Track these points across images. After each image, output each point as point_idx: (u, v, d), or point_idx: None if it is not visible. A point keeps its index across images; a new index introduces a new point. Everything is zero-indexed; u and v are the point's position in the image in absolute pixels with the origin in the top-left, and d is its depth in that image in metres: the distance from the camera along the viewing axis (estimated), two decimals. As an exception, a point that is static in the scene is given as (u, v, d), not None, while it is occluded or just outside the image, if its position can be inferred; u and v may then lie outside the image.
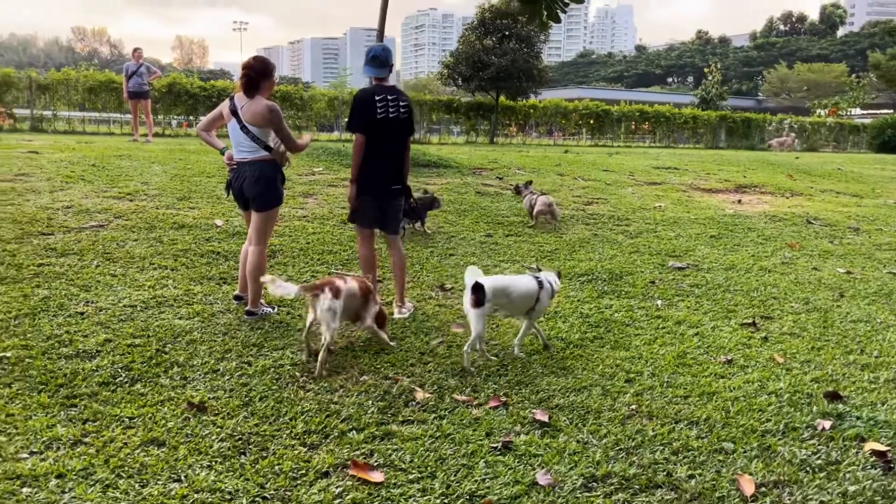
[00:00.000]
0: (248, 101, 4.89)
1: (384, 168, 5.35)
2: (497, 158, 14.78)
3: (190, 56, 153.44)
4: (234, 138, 4.99)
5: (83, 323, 4.67)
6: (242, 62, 5.12)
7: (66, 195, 7.90)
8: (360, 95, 5.29)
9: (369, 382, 4.13)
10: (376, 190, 5.37)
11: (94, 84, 20.07)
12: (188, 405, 3.66)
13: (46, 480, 2.89)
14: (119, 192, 8.35)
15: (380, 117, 5.22)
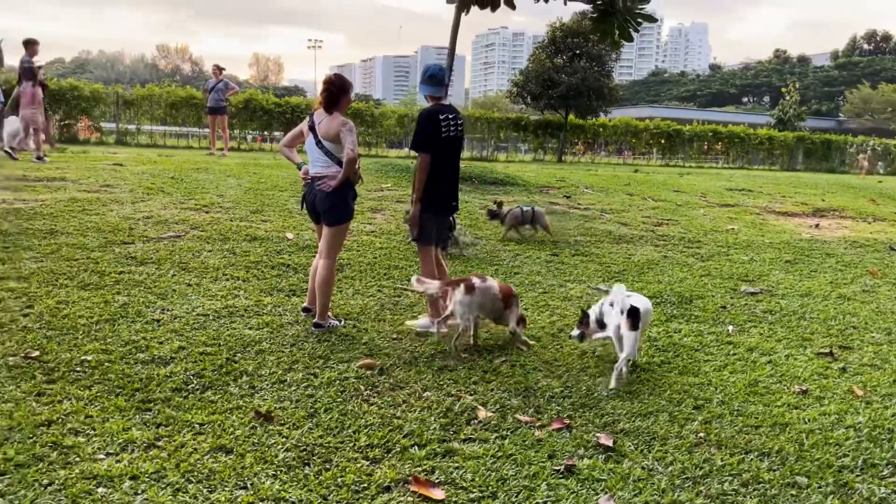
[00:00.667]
0: (326, 117, 5.05)
1: (446, 186, 5.43)
2: (565, 177, 14.69)
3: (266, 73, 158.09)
4: (310, 153, 5.14)
5: (159, 330, 4.84)
6: (323, 79, 5.27)
7: (146, 206, 8.23)
8: (426, 115, 5.33)
9: (432, 399, 4.14)
10: (438, 208, 5.44)
11: (175, 100, 20.92)
12: (256, 414, 3.73)
13: (121, 482, 2.99)
14: (196, 203, 8.65)
15: (444, 136, 5.28)
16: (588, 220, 10.25)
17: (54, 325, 4.71)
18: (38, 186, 8.68)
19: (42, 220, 7.17)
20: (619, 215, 10.86)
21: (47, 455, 3.15)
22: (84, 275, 5.75)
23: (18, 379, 3.90)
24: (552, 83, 26.71)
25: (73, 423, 3.46)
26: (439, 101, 5.39)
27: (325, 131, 5.03)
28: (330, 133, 5.01)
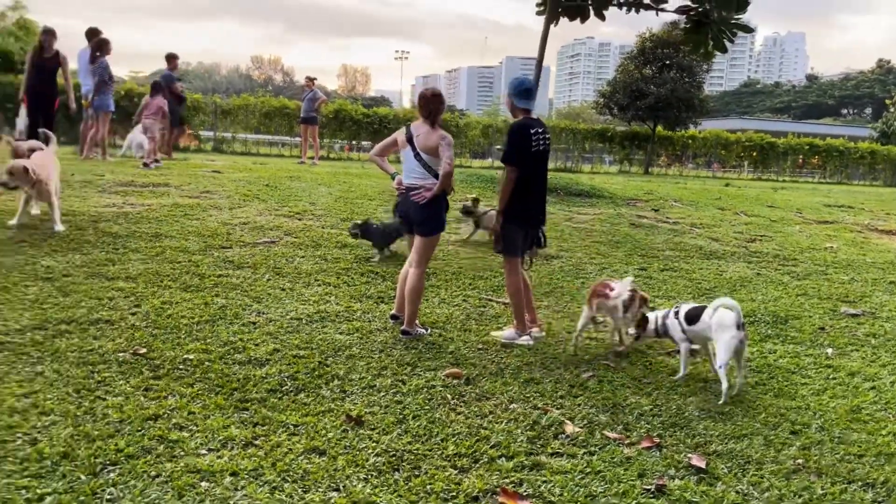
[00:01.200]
0: (425, 130, 5.16)
1: (533, 200, 5.43)
2: (652, 190, 14.41)
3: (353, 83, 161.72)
4: (407, 164, 5.24)
5: (255, 332, 5.03)
6: (422, 92, 5.38)
7: (243, 212, 8.57)
8: (517, 129, 5.32)
9: (518, 411, 4.14)
10: (525, 220, 5.43)
11: (269, 109, 21.72)
12: (347, 418, 3.83)
13: (222, 477, 3.13)
14: (289, 210, 8.95)
15: (534, 150, 5.28)
16: (677, 234, 10.02)
17: (159, 324, 4.96)
18: (145, 192, 9.18)
19: (148, 224, 7.58)
20: (709, 230, 10.57)
21: (154, 448, 3.32)
22: (186, 277, 6.04)
23: (128, 374, 4.13)
24: (640, 94, 26.30)
25: (178, 418, 3.64)
26: (529, 115, 5.40)
27: (424, 144, 5.13)
28: (429, 146, 5.12)
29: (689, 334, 4.90)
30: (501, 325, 5.68)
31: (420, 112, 5.24)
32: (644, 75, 26.69)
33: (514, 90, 5.37)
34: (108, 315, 5.01)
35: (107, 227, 7.30)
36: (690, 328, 4.87)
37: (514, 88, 5.38)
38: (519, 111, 5.38)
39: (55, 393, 3.78)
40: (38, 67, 10.66)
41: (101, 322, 4.88)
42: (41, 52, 10.72)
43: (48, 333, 4.59)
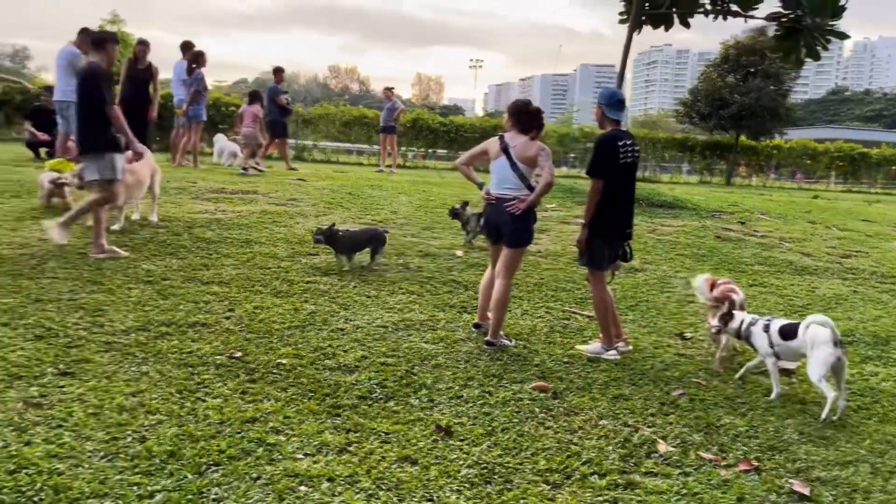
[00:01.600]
0: (522, 140, 5.15)
1: (620, 213, 5.33)
2: (737, 202, 13.99)
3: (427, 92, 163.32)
4: (500, 175, 5.22)
5: (343, 338, 5.12)
6: (517, 103, 5.39)
7: (327, 219, 8.74)
8: (605, 141, 5.24)
9: (608, 428, 4.08)
10: (611, 234, 5.33)
11: (348, 118, 22.18)
12: (436, 427, 3.85)
13: (319, 482, 3.19)
14: (371, 219, 9.09)
15: (621, 162, 5.18)
16: (766, 248, 9.70)
17: (252, 329, 5.11)
18: (235, 199, 9.49)
19: (238, 230, 7.83)
20: (800, 244, 10.19)
21: (254, 450, 3.42)
22: (276, 283, 6.21)
23: (225, 377, 4.27)
24: (723, 102, 25.63)
25: (274, 422, 3.74)
26: (618, 126, 5.32)
27: (522, 154, 5.13)
28: (527, 156, 5.12)
29: (781, 350, 4.75)
30: (587, 339, 5.62)
31: (515, 124, 5.23)
32: (727, 83, 25.98)
33: (607, 100, 5.30)
34: (204, 318, 5.20)
35: (200, 232, 7.58)
36: (785, 344, 4.72)
37: (608, 99, 5.31)
38: (608, 122, 5.30)
39: (159, 393, 3.94)
40: (132, 78, 11.18)
41: (199, 325, 5.07)
42: (135, 64, 11.24)
43: (150, 335, 4.79)
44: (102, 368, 4.19)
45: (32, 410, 3.58)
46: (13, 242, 6.62)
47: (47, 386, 3.88)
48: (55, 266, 6.02)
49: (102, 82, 6.27)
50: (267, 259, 6.90)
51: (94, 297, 5.40)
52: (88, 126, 6.37)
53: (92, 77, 6.28)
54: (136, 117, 11.09)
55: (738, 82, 26.02)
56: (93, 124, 6.32)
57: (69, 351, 4.39)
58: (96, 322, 4.91)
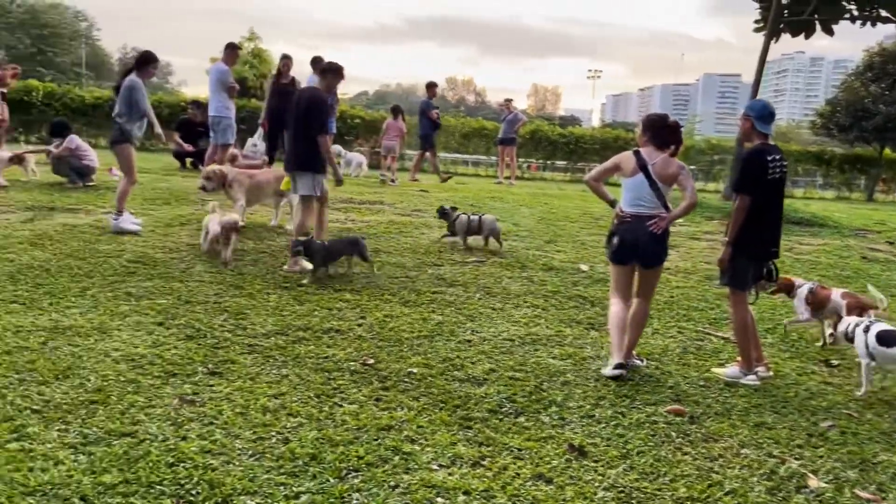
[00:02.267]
0: (661, 157, 4.95)
1: (767, 231, 5.05)
2: (884, 220, 13.05)
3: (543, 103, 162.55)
4: (635, 192, 4.99)
5: (470, 350, 5.14)
6: (652, 117, 5.19)
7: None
8: (753, 156, 4.99)
9: (751, 457, 3.87)
10: (756, 252, 5.08)
11: (468, 130, 22.39)
12: (569, 447, 3.78)
13: (455, 495, 3.20)
14: (494, 231, 9.10)
15: (769, 178, 4.93)
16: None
17: (383, 337, 5.23)
18: (362, 208, 9.78)
19: (367, 240, 8.04)
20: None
21: (390, 458, 3.48)
22: (404, 292, 6.33)
23: (359, 383, 4.38)
24: (866, 113, 23.99)
25: (408, 431, 3.79)
26: (767, 140, 5.05)
27: (662, 173, 4.92)
28: (668, 174, 4.92)
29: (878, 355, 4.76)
30: (723, 362, 5.37)
31: (652, 139, 5.02)
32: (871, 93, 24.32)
33: (758, 113, 5.04)
34: (338, 325, 5.37)
35: (331, 241, 7.85)
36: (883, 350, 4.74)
37: (759, 111, 5.06)
38: (757, 135, 5.04)
39: (299, 396, 4.10)
40: (278, 92, 11.73)
41: (333, 331, 5.23)
42: (280, 78, 11.80)
43: (289, 339, 4.99)
44: (247, 370, 4.40)
45: (187, 407, 3.80)
46: (165, 247, 7.10)
47: (199, 384, 4.12)
48: (201, 270, 6.41)
49: (322, 110, 6.84)
50: (395, 269, 7.05)
51: (236, 300, 5.70)
52: (304, 147, 6.85)
53: (315, 104, 6.82)
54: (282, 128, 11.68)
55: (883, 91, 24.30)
56: (307, 145, 6.81)
57: (216, 351, 4.64)
58: (239, 324, 5.18)
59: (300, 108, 6.87)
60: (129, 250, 6.84)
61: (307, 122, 6.80)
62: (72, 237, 7.16)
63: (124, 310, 5.25)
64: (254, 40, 27.09)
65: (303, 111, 6.84)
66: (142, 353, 4.47)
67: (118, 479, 3.03)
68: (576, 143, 23.32)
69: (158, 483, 3.03)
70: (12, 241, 6.82)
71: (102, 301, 5.40)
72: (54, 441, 3.31)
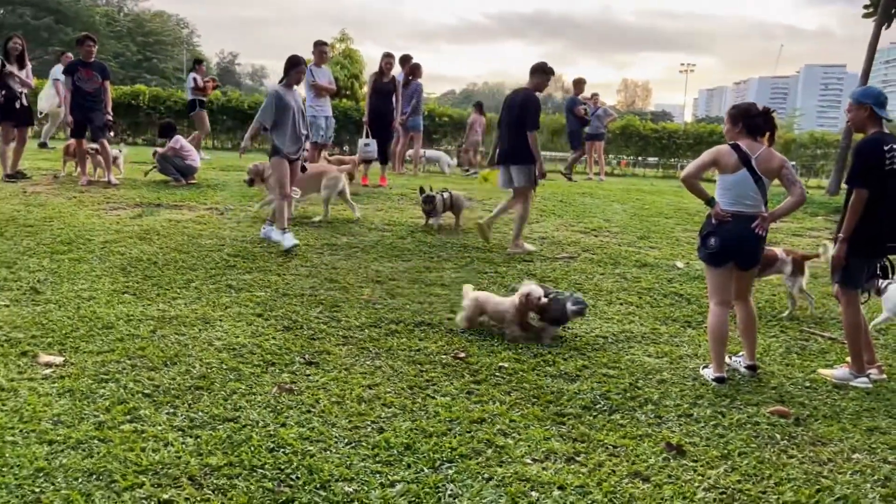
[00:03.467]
0: (761, 150, 4.64)
1: (884, 225, 4.69)
2: None
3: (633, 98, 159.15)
4: (738, 189, 4.63)
5: (562, 347, 5.08)
6: (735, 107, 4.85)
7: (540, 227, 8.78)
8: (867, 145, 4.67)
9: (864, 462, 3.66)
10: (872, 249, 4.76)
11: (556, 127, 22.12)
12: (667, 445, 3.68)
13: (550, 489, 3.17)
14: (584, 227, 8.98)
15: (887, 169, 4.59)
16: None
17: (473, 331, 5.23)
18: (452, 205, 9.82)
19: (456, 236, 8.11)
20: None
21: (483, 451, 3.47)
22: (493, 287, 6.31)
23: (451, 376, 4.40)
24: None
25: (500, 424, 3.78)
26: (882, 128, 4.72)
27: (767, 167, 4.60)
28: (772, 169, 4.61)
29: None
30: (830, 363, 5.10)
31: (744, 130, 4.69)
32: None
33: (875, 99, 4.69)
34: (429, 318, 5.41)
35: (422, 236, 7.94)
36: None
37: (875, 98, 4.71)
38: (873, 123, 4.69)
39: (392, 387, 4.15)
40: (378, 91, 11.93)
41: (424, 325, 5.28)
42: (381, 77, 11.98)
43: (381, 332, 5.07)
44: (341, 360, 4.49)
45: (285, 395, 3.92)
46: (263, 242, 7.34)
47: (296, 373, 4.24)
48: (297, 264, 6.59)
49: (536, 108, 7.57)
50: (484, 264, 7.05)
51: (330, 293, 5.83)
52: (519, 142, 7.49)
53: (530, 103, 7.54)
54: (384, 126, 11.92)
55: None
56: (522, 141, 7.47)
57: (312, 342, 4.76)
58: (334, 317, 5.29)
59: (514, 107, 7.59)
60: (229, 245, 7.12)
61: (522, 119, 7.46)
62: (176, 232, 7.50)
63: (225, 301, 5.46)
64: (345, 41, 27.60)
65: (517, 109, 7.53)
66: (242, 342, 4.64)
67: (223, 462, 3.15)
68: (668, 138, 22.68)
69: (260, 467, 3.14)
70: (123, 236, 7.21)
71: (205, 293, 5.64)
72: (164, 423, 3.48)
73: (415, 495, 3.02)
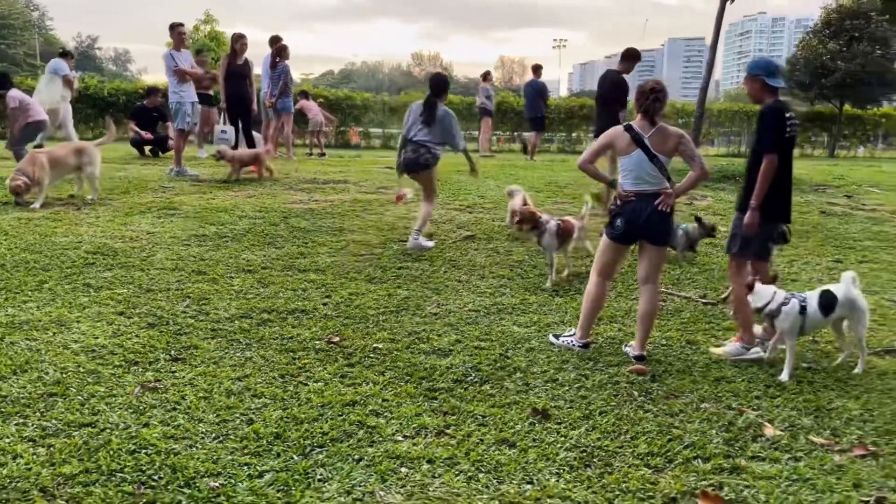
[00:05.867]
0: (654, 128, 4.59)
1: (783, 192, 4.85)
2: (843, 174, 13.28)
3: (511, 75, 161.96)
4: (637, 170, 4.61)
5: (436, 323, 5.17)
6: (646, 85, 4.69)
7: (417, 206, 8.83)
8: (773, 111, 4.75)
9: (711, 411, 3.95)
10: (774, 215, 4.85)
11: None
12: (533, 411, 3.83)
13: (419, 464, 3.24)
14: (460, 204, 9.14)
15: (788, 136, 4.73)
16: (876, 222, 9.15)
17: (349, 314, 5.23)
18: (327, 188, 9.73)
19: (332, 219, 8.03)
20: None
21: (355, 433, 3.50)
22: (369, 269, 6.33)
23: (325, 361, 4.39)
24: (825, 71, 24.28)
25: (373, 405, 3.81)
26: (778, 96, 4.82)
27: (661, 144, 4.56)
28: (667, 146, 4.58)
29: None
30: (685, 321, 5.47)
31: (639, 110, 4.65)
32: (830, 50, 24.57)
33: (765, 69, 4.79)
34: (303, 305, 5.36)
35: (296, 222, 7.81)
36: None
37: (765, 67, 4.81)
38: (769, 93, 4.78)
39: (263, 377, 4.09)
40: (233, 74, 11.49)
41: (298, 312, 5.23)
42: (234, 58, 11.53)
43: (253, 322, 4.98)
44: (210, 354, 4.38)
45: (149, 394, 3.79)
46: (125, 236, 7.01)
47: (161, 371, 4.10)
48: (162, 258, 6.34)
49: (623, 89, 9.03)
50: (360, 246, 7.04)
51: (199, 286, 5.65)
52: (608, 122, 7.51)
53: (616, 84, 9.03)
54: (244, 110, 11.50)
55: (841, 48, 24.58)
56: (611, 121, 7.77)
57: (179, 338, 4.61)
58: (202, 310, 5.15)
59: (605, 88, 8.99)
60: (88, 241, 6.74)
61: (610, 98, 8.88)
62: (27, 231, 7.03)
63: (83, 301, 5.18)
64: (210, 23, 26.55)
65: (607, 90, 8.86)
66: (102, 343, 4.43)
67: (78, 469, 3.01)
68: (543, 113, 23.30)
69: (119, 470, 3.02)
70: (-33, 239, 6.68)
71: (60, 294, 5.33)
72: (12, 435, 3.28)
73: (283, 483, 3.01)
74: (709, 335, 5.22)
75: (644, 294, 4.80)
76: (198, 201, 8.69)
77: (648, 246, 4.78)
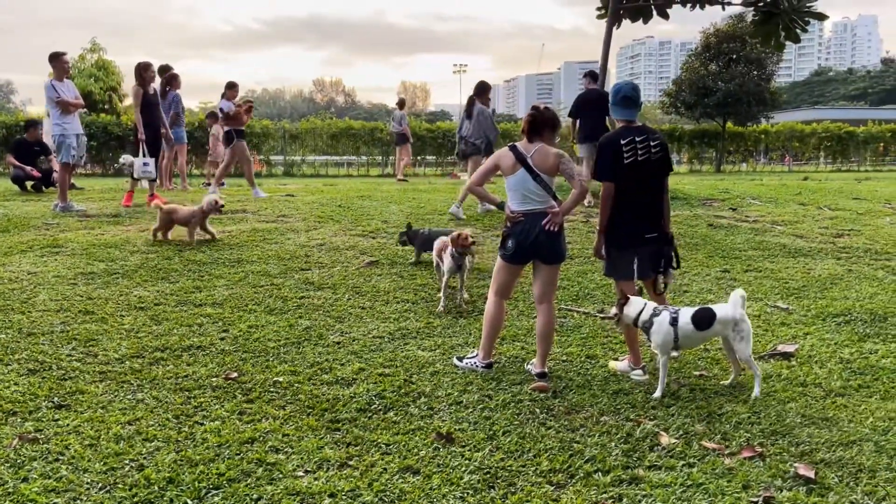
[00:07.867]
0: (536, 148, 4.72)
1: (635, 216, 4.92)
2: (728, 188, 14.02)
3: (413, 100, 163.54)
4: (522, 189, 4.73)
5: (340, 352, 5.09)
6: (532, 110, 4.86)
7: (318, 234, 8.73)
8: (604, 142, 4.95)
9: (610, 423, 4.05)
10: (627, 240, 4.94)
11: (336, 131, 22.20)
12: (437, 435, 3.82)
13: (321, 499, 3.16)
14: (363, 230, 9.07)
15: (627, 162, 4.82)
16: (758, 233, 9.69)
17: (248, 348, 5.08)
18: (224, 219, 9.45)
19: (230, 250, 7.80)
20: (792, 227, 10.19)
21: (254, 471, 3.38)
22: (269, 300, 6.17)
23: (222, 399, 4.23)
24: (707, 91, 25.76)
25: (273, 441, 3.71)
26: (629, 125, 4.93)
27: (542, 163, 4.68)
28: (547, 165, 4.68)
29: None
30: (585, 337, 5.60)
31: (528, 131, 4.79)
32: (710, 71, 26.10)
33: (612, 100, 5.00)
34: (199, 341, 5.17)
35: (191, 255, 7.55)
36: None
37: (612, 98, 5.01)
38: (618, 122, 4.99)
39: (156, 419, 3.91)
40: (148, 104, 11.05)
41: (193, 348, 5.04)
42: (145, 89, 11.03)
43: (145, 361, 4.76)
44: (97, 399, 4.15)
45: (28, 446, 3.54)
46: (2, 278, 6.57)
47: (42, 420, 3.85)
48: (46, 298, 5.98)
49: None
50: (259, 277, 6.87)
51: (86, 326, 5.36)
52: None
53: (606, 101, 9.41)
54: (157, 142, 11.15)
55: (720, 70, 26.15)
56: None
57: (63, 383, 4.35)
58: (90, 352, 4.88)
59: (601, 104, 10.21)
60: (-38, 285, 6.29)
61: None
62: None
63: (-44, 350, 4.82)
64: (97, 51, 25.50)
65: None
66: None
67: (-55, 534, 2.78)
68: (443, 137, 23.57)
69: (-7, 532, 2.81)
70: None
71: (-71, 343, 4.93)
72: None
73: (176, 531, 2.87)
74: (607, 349, 5.36)
75: (541, 313, 4.88)
76: (85, 237, 8.28)
77: (541, 265, 4.88)
